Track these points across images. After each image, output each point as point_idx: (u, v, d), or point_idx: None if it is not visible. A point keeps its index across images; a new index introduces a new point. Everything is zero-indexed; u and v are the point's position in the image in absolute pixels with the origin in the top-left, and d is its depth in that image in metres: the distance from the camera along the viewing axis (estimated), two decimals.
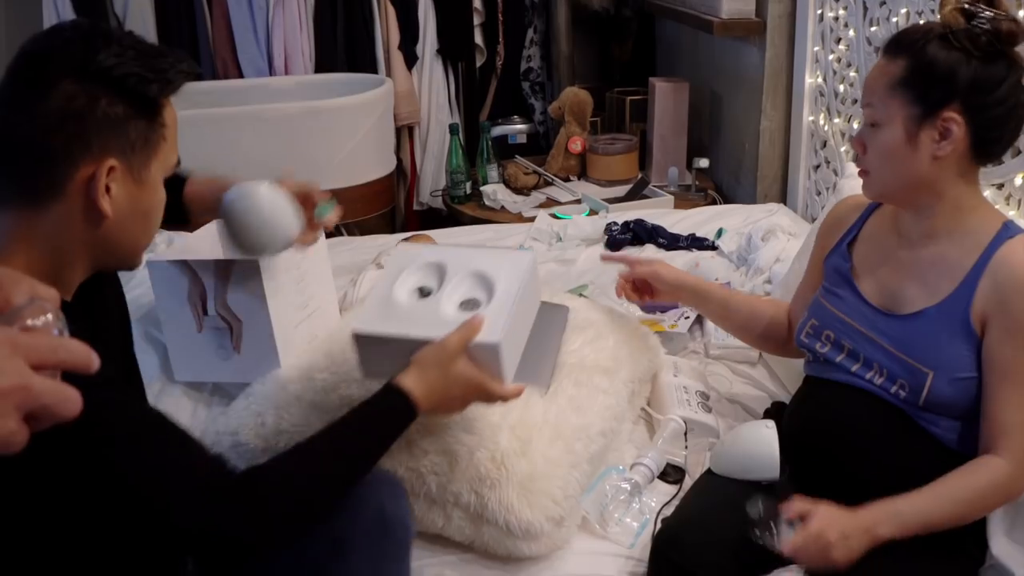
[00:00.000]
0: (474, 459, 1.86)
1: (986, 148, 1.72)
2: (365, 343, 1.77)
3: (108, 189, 1.39)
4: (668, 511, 1.92)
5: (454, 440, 1.88)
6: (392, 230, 4.32)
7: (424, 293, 1.81)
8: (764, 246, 2.97)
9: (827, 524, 1.62)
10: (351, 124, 4.17)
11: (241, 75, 4.71)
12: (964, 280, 1.73)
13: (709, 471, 1.95)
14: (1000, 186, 2.46)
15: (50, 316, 0.80)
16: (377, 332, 1.75)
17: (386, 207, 4.60)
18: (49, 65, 1.36)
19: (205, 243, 2.40)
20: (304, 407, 2.01)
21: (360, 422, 1.58)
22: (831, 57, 3.39)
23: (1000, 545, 1.77)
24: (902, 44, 1.73)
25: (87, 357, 0.77)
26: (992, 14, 1.66)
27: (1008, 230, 1.74)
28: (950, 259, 1.76)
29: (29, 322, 0.79)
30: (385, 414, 1.61)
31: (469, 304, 1.78)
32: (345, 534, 1.57)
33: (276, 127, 3.92)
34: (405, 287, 1.82)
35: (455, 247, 1.96)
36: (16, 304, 0.82)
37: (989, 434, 1.70)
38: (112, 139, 1.39)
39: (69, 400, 0.75)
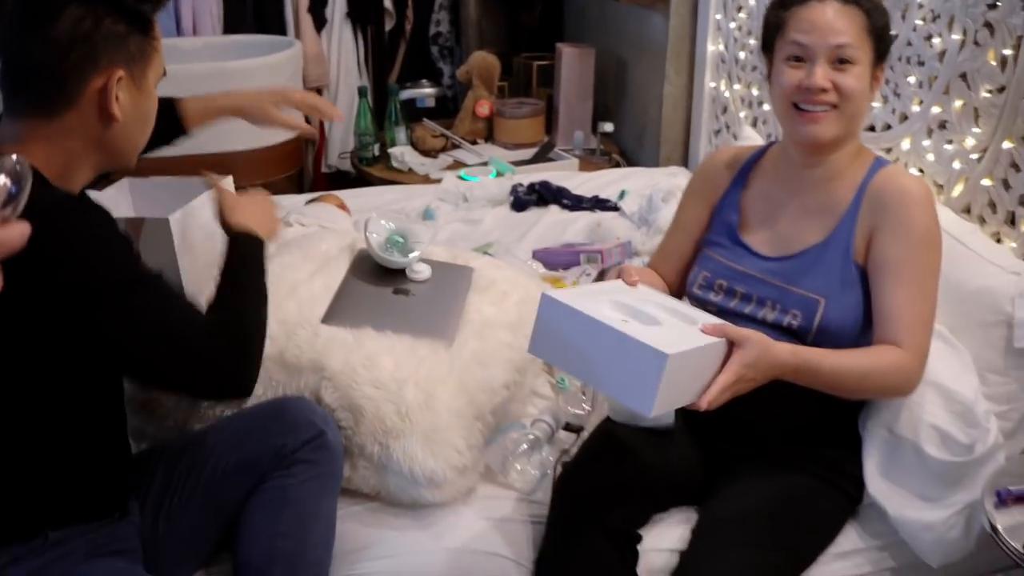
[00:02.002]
0: (380, 412, 1.91)
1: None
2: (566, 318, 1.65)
3: (117, 96, 1.57)
4: (568, 460, 1.98)
5: (360, 395, 1.93)
6: (300, 191, 4.32)
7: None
8: (664, 207, 3.06)
9: (744, 367, 1.62)
10: (260, 85, 4.16)
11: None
12: (845, 214, 1.87)
13: (608, 418, 2.02)
14: (888, 150, 2.57)
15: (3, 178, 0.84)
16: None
17: (294, 169, 4.61)
18: None
19: (116, 201, 2.39)
20: None
21: (238, 267, 1.79)
22: (732, 25, 3.49)
23: (875, 484, 1.88)
24: None
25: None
26: None
27: (878, 163, 1.91)
28: (834, 199, 1.90)
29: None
30: (245, 254, 1.82)
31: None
32: (291, 449, 1.78)
33: (184, 88, 3.86)
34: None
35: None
36: None
37: (885, 329, 1.80)
38: (116, 53, 1.56)
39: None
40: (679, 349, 1.51)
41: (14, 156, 0.85)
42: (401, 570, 1.85)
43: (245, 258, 1.82)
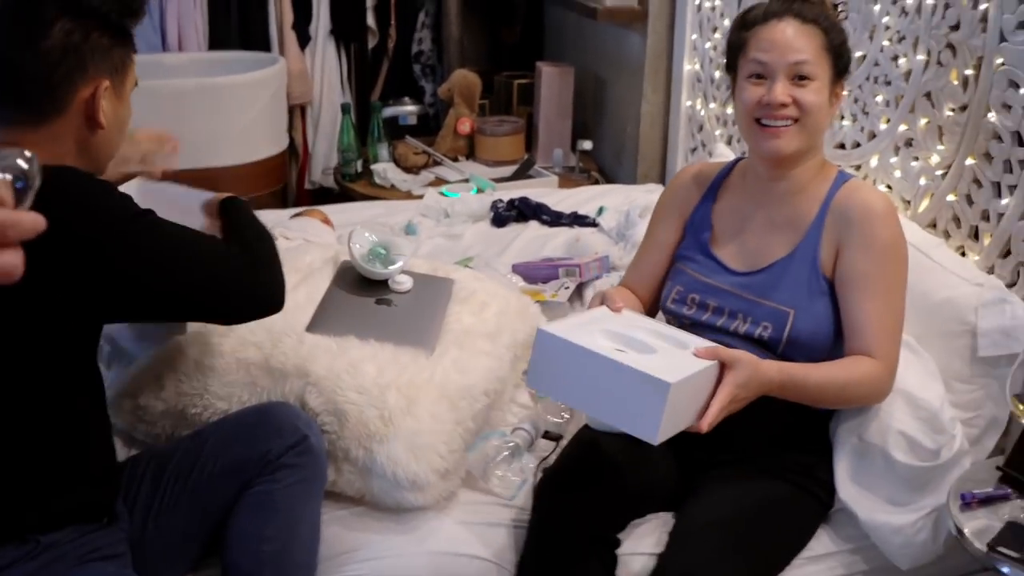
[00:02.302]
0: (363, 417, 1.95)
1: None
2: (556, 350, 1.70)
3: (102, 107, 1.68)
4: (548, 466, 2.03)
5: (344, 400, 1.97)
6: (284, 206, 4.36)
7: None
8: (641, 222, 3.11)
9: (737, 387, 1.70)
10: (244, 102, 4.20)
11: (134, 51, 4.69)
12: (810, 227, 1.95)
13: (586, 426, 2.05)
14: (858, 167, 2.65)
15: (7, 176, 0.86)
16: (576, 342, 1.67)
17: (278, 185, 4.64)
18: (44, 7, 1.62)
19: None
20: (203, 371, 2.07)
21: (235, 217, 1.94)
22: (708, 45, 3.56)
23: (846, 489, 1.94)
24: (816, 15, 1.95)
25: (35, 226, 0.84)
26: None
27: (842, 177, 1.99)
28: (799, 212, 1.98)
29: None
30: (238, 208, 1.97)
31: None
32: (276, 454, 1.83)
33: (169, 103, 3.92)
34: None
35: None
36: None
37: (856, 341, 1.88)
38: (103, 64, 1.68)
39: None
40: (679, 377, 1.57)
41: (26, 152, 0.88)
42: (386, 573, 1.89)
43: (240, 211, 1.96)
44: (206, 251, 1.72)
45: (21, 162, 0.87)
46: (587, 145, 4.31)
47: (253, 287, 1.77)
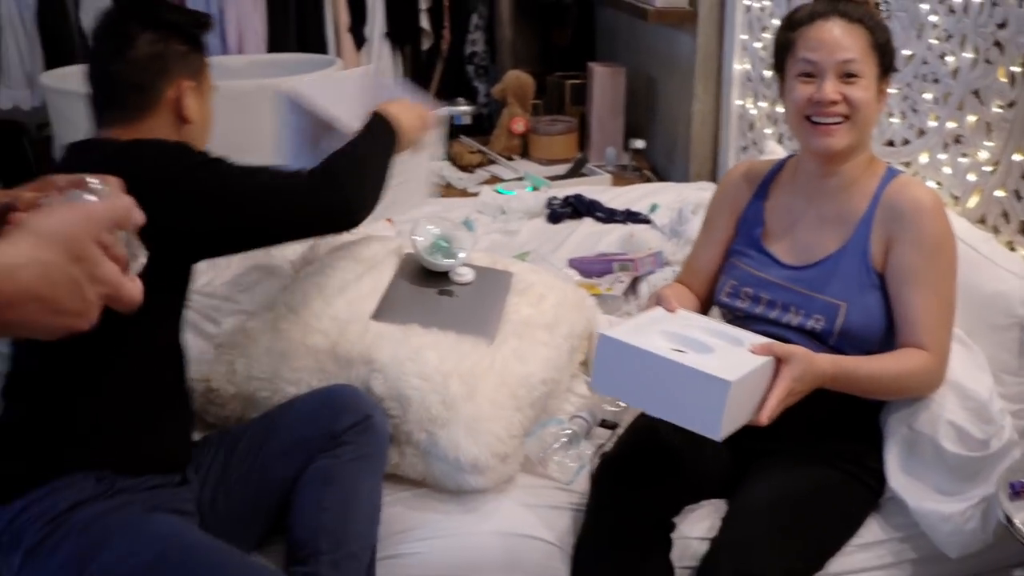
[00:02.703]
0: (425, 402, 2.02)
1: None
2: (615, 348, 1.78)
3: (188, 104, 1.96)
4: (605, 453, 2.07)
5: (407, 385, 2.04)
6: None
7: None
8: (693, 219, 3.16)
9: (793, 381, 1.76)
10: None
11: (207, 57, 4.78)
12: (860, 222, 2.00)
13: (642, 414, 2.10)
14: (907, 164, 2.69)
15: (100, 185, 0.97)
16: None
17: None
18: (129, 25, 1.93)
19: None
20: (273, 356, 2.15)
21: (365, 134, 2.11)
22: (758, 45, 3.60)
23: (896, 478, 1.97)
24: (861, 14, 2.00)
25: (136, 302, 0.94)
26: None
27: (891, 173, 2.04)
28: (850, 207, 2.03)
29: (91, 185, 0.96)
30: (378, 132, 2.12)
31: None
32: (340, 431, 1.94)
33: (231, 104, 3.98)
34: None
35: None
36: (62, 185, 0.97)
37: (908, 334, 1.94)
38: (183, 67, 1.96)
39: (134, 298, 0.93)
40: (738, 375, 1.64)
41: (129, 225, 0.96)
42: (446, 550, 1.96)
43: (376, 135, 2.13)
44: (265, 183, 1.91)
45: (142, 259, 0.96)
46: (639, 144, 4.36)
47: (316, 206, 1.92)
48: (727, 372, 1.64)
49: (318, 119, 2.31)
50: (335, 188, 1.93)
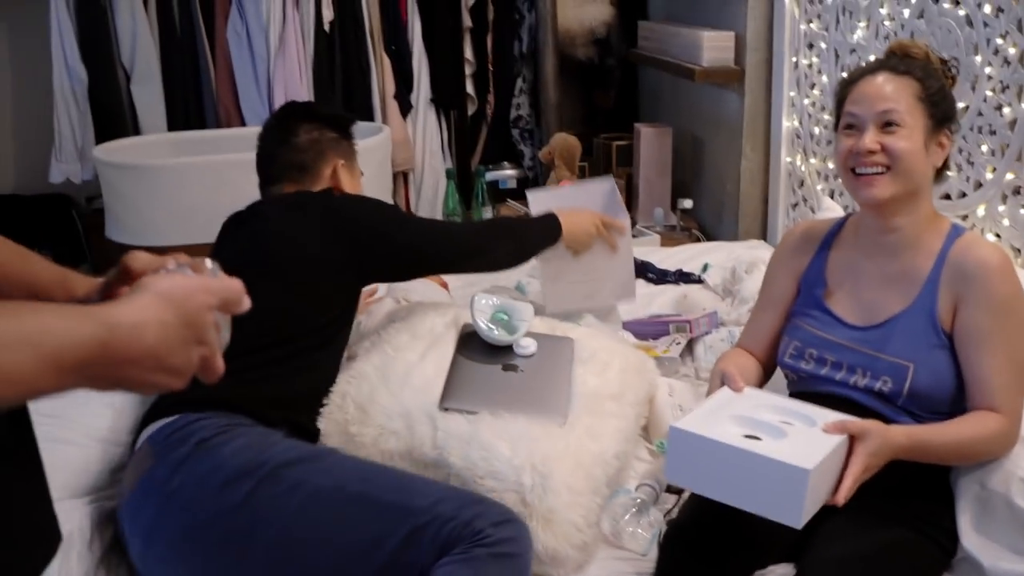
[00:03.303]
0: (503, 501, 1.98)
1: (946, 167, 2.02)
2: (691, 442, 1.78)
3: (341, 179, 2.49)
4: (671, 519, 2.06)
5: (483, 488, 2.01)
6: None
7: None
8: (747, 278, 3.14)
9: (869, 457, 1.77)
10: None
11: (243, 123, 4.89)
12: (927, 281, 1.97)
13: None
14: (964, 217, 2.66)
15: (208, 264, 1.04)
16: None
17: None
18: (293, 120, 2.51)
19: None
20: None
21: (529, 224, 2.72)
22: (806, 102, 3.60)
23: (969, 538, 1.91)
24: (910, 67, 2.01)
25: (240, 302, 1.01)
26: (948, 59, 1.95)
27: (956, 230, 2.01)
28: (914, 265, 2.00)
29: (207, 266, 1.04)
30: (543, 226, 2.66)
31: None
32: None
33: None
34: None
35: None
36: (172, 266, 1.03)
37: (980, 397, 1.91)
38: (337, 150, 2.52)
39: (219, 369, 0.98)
40: (816, 461, 1.64)
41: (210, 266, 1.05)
42: None
43: (540, 228, 2.66)
44: (438, 228, 2.60)
45: (227, 335, 1.03)
46: (687, 204, 4.36)
47: (463, 256, 2.50)
48: (804, 459, 1.64)
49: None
50: (483, 242, 2.51)
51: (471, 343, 2.39)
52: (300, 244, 2.26)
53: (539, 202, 2.93)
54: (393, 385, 2.20)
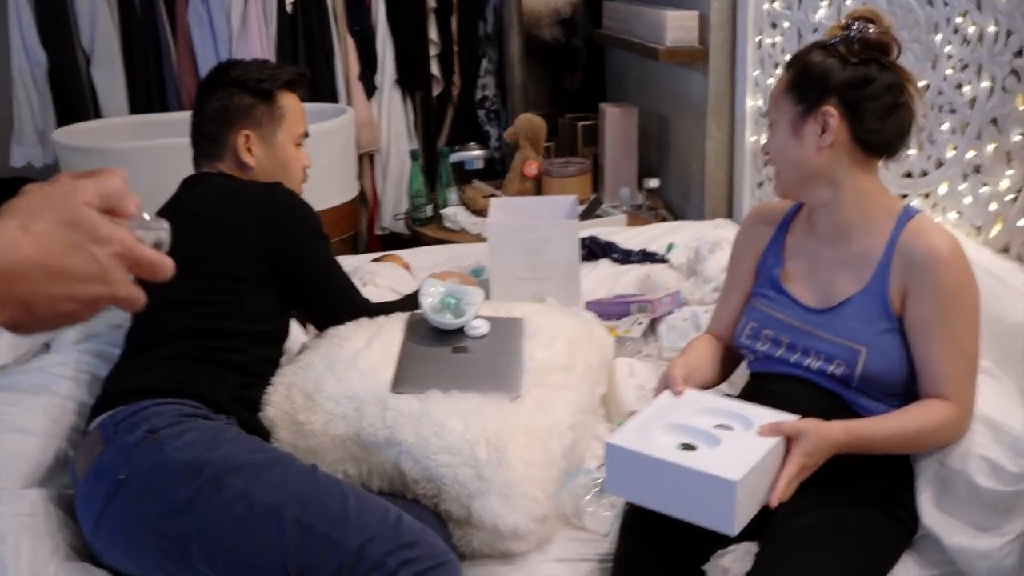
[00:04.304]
0: (458, 477, 2.00)
1: (869, 140, 1.98)
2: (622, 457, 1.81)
3: (250, 150, 2.35)
4: None
5: (437, 464, 2.02)
6: (355, 253, 4.44)
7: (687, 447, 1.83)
8: (711, 257, 3.14)
9: (805, 457, 1.79)
10: (314, 152, 4.26)
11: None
12: (878, 264, 1.97)
13: None
14: (927, 195, 2.66)
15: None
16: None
17: (349, 232, 4.74)
18: (209, 85, 2.38)
19: None
20: (304, 455, 2.09)
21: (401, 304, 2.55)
22: (770, 81, 3.59)
23: (930, 515, 1.93)
24: (793, 58, 2.04)
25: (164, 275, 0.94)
26: (863, 25, 1.95)
27: (907, 212, 2.00)
28: (865, 248, 2.00)
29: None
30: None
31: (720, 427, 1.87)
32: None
33: None
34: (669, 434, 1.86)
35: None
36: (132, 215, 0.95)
37: (930, 385, 1.91)
38: (246, 118, 2.35)
39: (136, 306, 0.93)
40: (744, 470, 1.67)
41: (165, 223, 0.98)
42: None
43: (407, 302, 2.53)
44: (347, 280, 2.44)
45: (164, 234, 0.97)
46: (653, 183, 4.35)
47: (358, 313, 2.41)
48: (733, 469, 1.67)
49: None
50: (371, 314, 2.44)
51: (419, 330, 2.39)
52: (220, 242, 2.23)
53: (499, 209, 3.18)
54: (339, 371, 2.20)
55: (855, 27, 1.96)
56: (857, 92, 1.96)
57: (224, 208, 2.27)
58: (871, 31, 1.96)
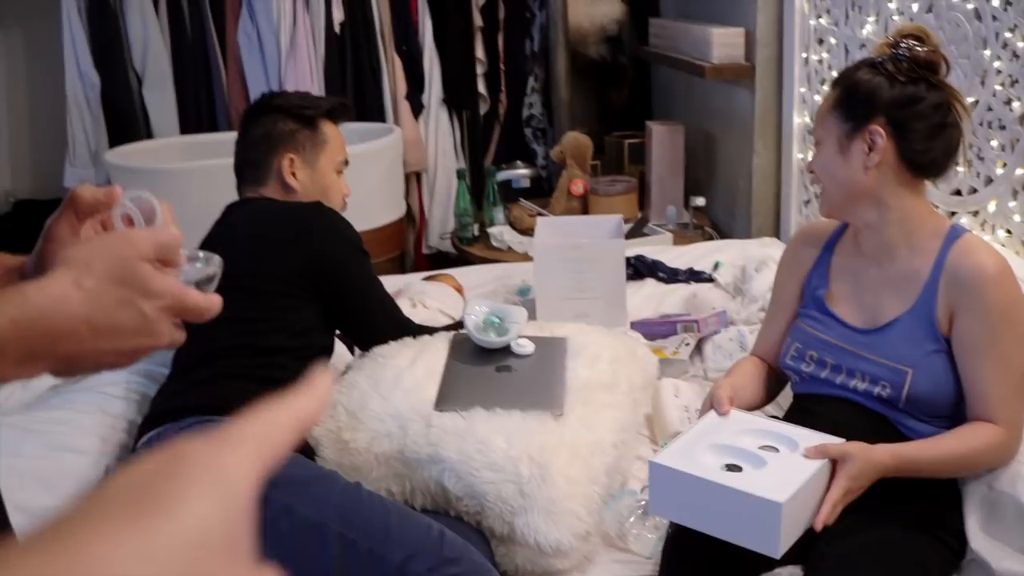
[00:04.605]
0: (501, 494, 2.00)
1: (916, 160, 1.94)
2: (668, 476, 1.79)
3: (294, 173, 2.40)
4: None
5: (480, 480, 2.02)
6: (402, 272, 4.46)
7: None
8: (758, 276, 3.13)
9: (850, 480, 1.77)
10: (362, 171, 4.32)
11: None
12: (925, 284, 1.93)
13: None
14: (975, 213, 2.64)
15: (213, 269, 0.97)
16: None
17: (396, 251, 4.76)
18: (256, 110, 2.47)
19: None
20: (347, 472, 2.10)
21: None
22: (817, 98, 3.57)
23: (977, 539, 1.89)
24: (840, 75, 2.02)
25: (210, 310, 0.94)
26: (911, 44, 1.92)
27: (955, 231, 1.96)
28: (912, 268, 1.96)
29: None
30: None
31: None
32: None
33: None
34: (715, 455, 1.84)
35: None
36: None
37: (978, 407, 1.88)
38: (290, 143, 2.41)
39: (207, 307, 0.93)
40: (790, 492, 1.66)
41: (210, 256, 0.98)
42: None
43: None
44: (393, 311, 2.47)
45: (212, 269, 0.97)
46: (700, 201, 4.33)
47: (399, 332, 2.43)
48: (778, 491, 1.65)
49: None
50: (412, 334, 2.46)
51: (463, 349, 2.40)
52: (263, 259, 2.26)
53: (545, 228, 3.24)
54: (384, 389, 2.21)
55: (903, 45, 1.93)
56: (905, 111, 1.93)
57: (267, 226, 2.31)
58: (920, 50, 1.93)
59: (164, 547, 0.40)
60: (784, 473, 1.72)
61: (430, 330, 2.51)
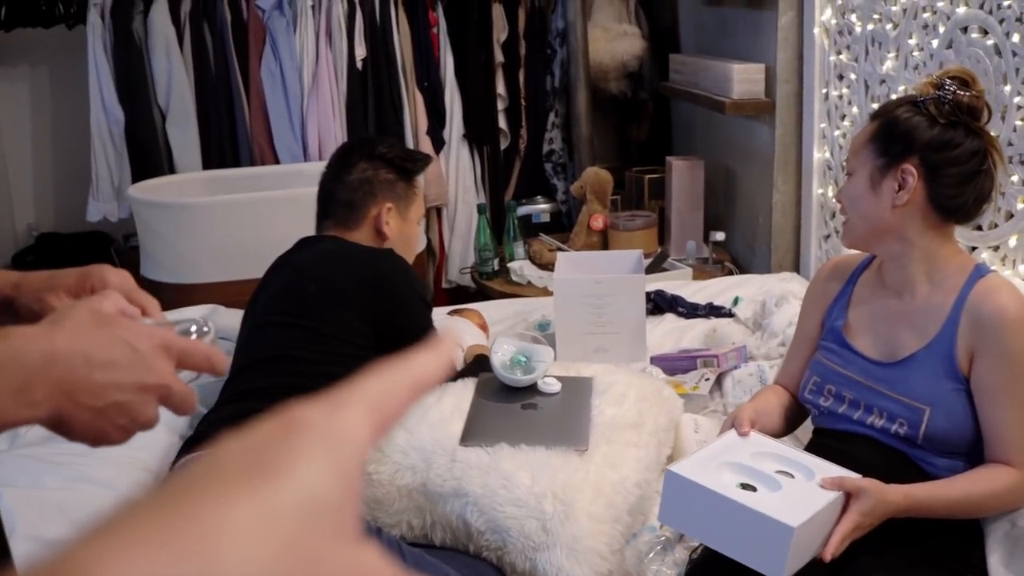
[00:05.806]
0: (524, 530, 2.01)
1: (945, 204, 1.93)
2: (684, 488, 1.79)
3: (387, 222, 2.46)
4: (696, 557, 2.05)
5: (503, 516, 2.03)
6: None
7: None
8: (778, 311, 3.12)
9: (861, 516, 1.76)
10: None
11: (277, 161, 4.93)
12: (946, 321, 1.93)
13: None
14: (996, 248, 2.63)
15: (204, 329, 0.98)
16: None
17: None
18: (353, 155, 2.51)
19: None
20: (368, 504, 2.13)
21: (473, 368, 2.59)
22: (837, 133, 3.57)
23: None
24: (880, 109, 2.02)
25: (220, 366, 0.94)
26: (956, 87, 1.90)
27: (979, 271, 1.96)
28: (933, 304, 1.96)
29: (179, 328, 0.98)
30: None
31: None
32: None
33: (311, 210, 4.09)
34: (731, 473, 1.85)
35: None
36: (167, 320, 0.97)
37: (996, 450, 1.87)
38: (389, 192, 2.48)
39: (189, 403, 0.92)
40: (803, 518, 1.65)
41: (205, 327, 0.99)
42: None
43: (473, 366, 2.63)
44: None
45: (194, 325, 0.99)
46: (720, 236, 4.33)
47: None
48: (792, 515, 1.65)
49: None
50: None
51: (490, 387, 2.43)
52: (333, 301, 2.29)
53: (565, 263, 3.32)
54: (409, 424, 2.23)
55: (948, 87, 1.91)
56: (940, 155, 1.91)
57: (337, 270, 2.34)
58: (963, 94, 1.90)
59: (274, 516, 0.39)
60: (798, 499, 1.72)
61: (459, 374, 2.54)
